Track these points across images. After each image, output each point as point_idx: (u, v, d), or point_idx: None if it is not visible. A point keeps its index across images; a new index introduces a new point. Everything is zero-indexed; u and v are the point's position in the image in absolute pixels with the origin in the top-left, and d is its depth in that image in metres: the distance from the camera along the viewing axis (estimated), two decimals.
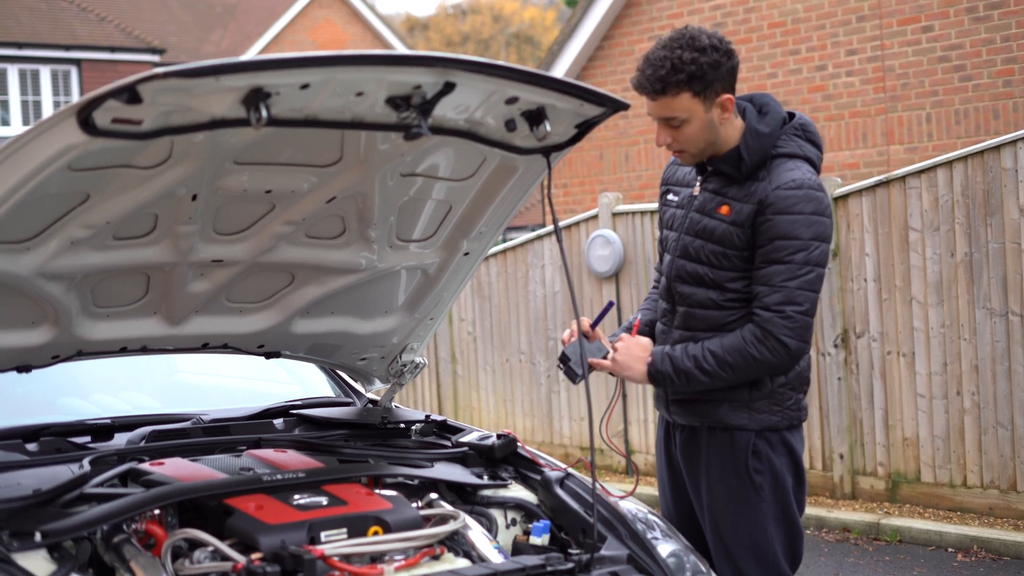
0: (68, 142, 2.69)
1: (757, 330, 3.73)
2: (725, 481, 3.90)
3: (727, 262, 3.79)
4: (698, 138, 3.74)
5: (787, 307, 3.69)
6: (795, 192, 3.70)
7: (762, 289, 3.72)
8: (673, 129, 3.73)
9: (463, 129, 3.23)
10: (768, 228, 3.70)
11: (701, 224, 3.84)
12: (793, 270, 3.68)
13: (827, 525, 8.27)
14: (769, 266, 3.70)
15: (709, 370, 3.77)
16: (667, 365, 3.82)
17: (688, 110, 3.68)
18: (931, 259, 8.03)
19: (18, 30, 25.35)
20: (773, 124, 3.79)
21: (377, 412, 4.24)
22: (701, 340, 3.84)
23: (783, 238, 3.68)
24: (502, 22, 55.22)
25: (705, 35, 3.67)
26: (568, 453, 10.29)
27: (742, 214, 3.74)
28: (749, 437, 3.86)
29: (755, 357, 3.73)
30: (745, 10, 12.44)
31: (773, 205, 3.69)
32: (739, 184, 3.78)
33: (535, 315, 10.52)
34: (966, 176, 7.83)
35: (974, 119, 10.78)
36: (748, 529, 3.89)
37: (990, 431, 7.81)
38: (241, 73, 2.65)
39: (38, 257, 3.13)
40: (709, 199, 3.84)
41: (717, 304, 3.83)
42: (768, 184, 3.72)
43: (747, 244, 3.75)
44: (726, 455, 3.89)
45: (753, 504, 3.88)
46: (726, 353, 3.75)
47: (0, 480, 3.26)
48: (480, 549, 3.30)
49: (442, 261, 3.84)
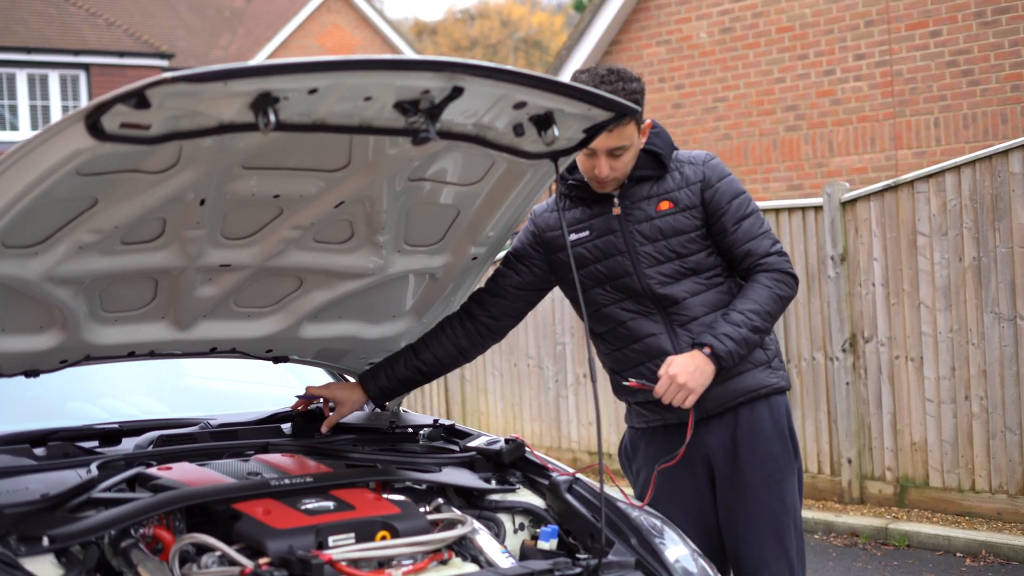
0: (76, 147, 2.70)
1: (772, 273, 3.99)
2: (769, 453, 4.03)
3: (693, 245, 3.99)
4: (630, 164, 3.96)
5: (776, 246, 4.04)
6: (714, 161, 4.08)
7: (750, 244, 4.00)
8: (615, 159, 3.89)
9: (471, 134, 3.23)
10: (720, 195, 4.00)
11: (652, 228, 3.99)
12: (758, 218, 4.04)
13: (835, 530, 8.26)
14: (743, 222, 4.00)
15: (760, 326, 3.93)
16: (729, 344, 3.88)
17: (631, 138, 3.89)
18: (939, 264, 8.02)
19: (27, 35, 25.40)
20: (661, 127, 4.09)
21: (385, 417, 4.24)
22: (720, 313, 3.96)
23: (735, 197, 4.02)
24: (510, 27, 55.23)
25: (623, 67, 3.97)
26: (576, 458, 10.28)
27: (687, 198, 4.00)
28: (783, 401, 4.09)
29: (782, 296, 3.98)
30: (753, 14, 12.44)
31: (712, 175, 4.02)
32: (658, 180, 4.02)
33: (543, 319, 10.52)
34: (974, 181, 7.82)
35: (982, 124, 10.77)
36: (791, 497, 4.07)
37: (998, 435, 7.79)
38: (249, 78, 2.65)
39: (46, 262, 3.13)
40: (642, 206, 4.01)
41: (705, 285, 4.01)
42: (692, 166, 4.04)
43: (702, 221, 4.00)
44: (767, 426, 4.03)
45: (793, 470, 4.09)
46: (764, 304, 3.94)
47: (8, 485, 3.26)
48: (488, 554, 3.30)
49: (450, 265, 3.84)
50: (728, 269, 4.07)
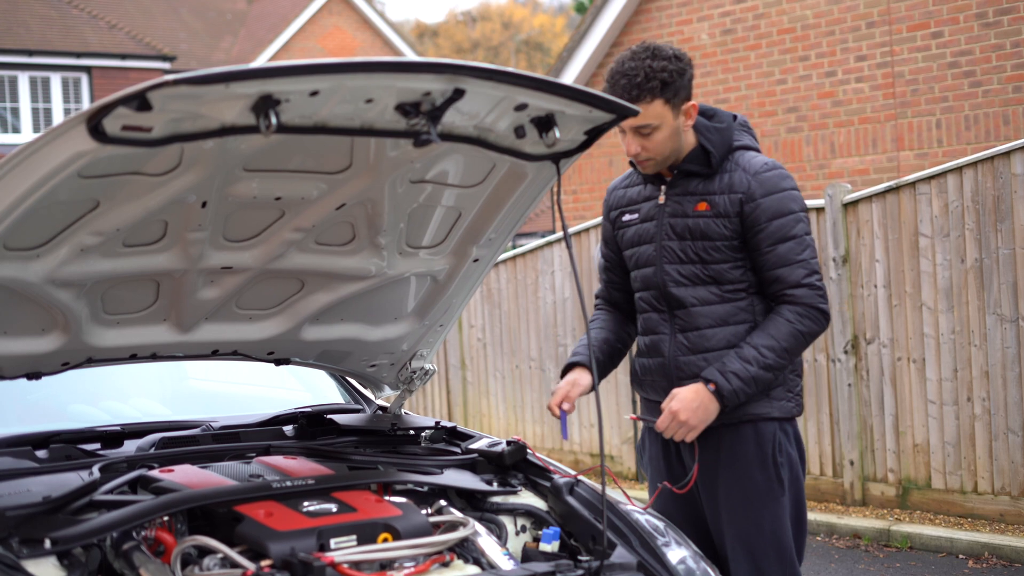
0: (78, 149, 2.70)
1: (796, 307, 3.85)
2: (749, 477, 3.90)
3: (718, 254, 3.89)
4: (666, 145, 3.87)
5: (811, 277, 3.85)
6: (772, 173, 3.90)
7: (781, 271, 3.85)
8: (643, 138, 3.85)
9: (472, 136, 3.23)
10: (761, 212, 3.85)
11: (683, 225, 3.93)
12: (801, 242, 3.86)
13: (837, 532, 8.26)
14: (779, 245, 3.85)
15: (773, 363, 3.83)
16: (736, 383, 3.80)
17: (660, 117, 3.81)
18: (941, 265, 8.02)
19: (28, 37, 25.40)
20: (726, 120, 3.99)
21: (387, 419, 4.24)
22: (727, 329, 3.89)
23: (779, 216, 3.85)
24: (512, 29, 55.26)
25: (666, 46, 3.86)
26: (578, 460, 10.28)
27: (724, 205, 3.88)
28: (773, 428, 3.92)
29: (804, 333, 3.85)
30: (755, 16, 12.44)
31: (758, 189, 3.86)
32: (707, 179, 3.93)
33: (545, 321, 10.52)
34: (976, 182, 7.82)
35: (984, 125, 10.76)
36: (771, 526, 3.91)
37: (1001, 437, 7.79)
38: (250, 80, 2.65)
39: (48, 264, 3.13)
40: (682, 201, 3.95)
41: (721, 297, 3.91)
42: (743, 173, 3.90)
43: (735, 233, 3.88)
44: (750, 450, 3.91)
45: (776, 498, 3.91)
46: (781, 341, 3.82)
47: (10, 487, 3.26)
48: (490, 556, 3.30)
49: (452, 268, 3.84)
50: (758, 287, 3.95)
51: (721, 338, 3.90)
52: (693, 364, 3.92)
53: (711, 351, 3.91)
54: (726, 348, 3.89)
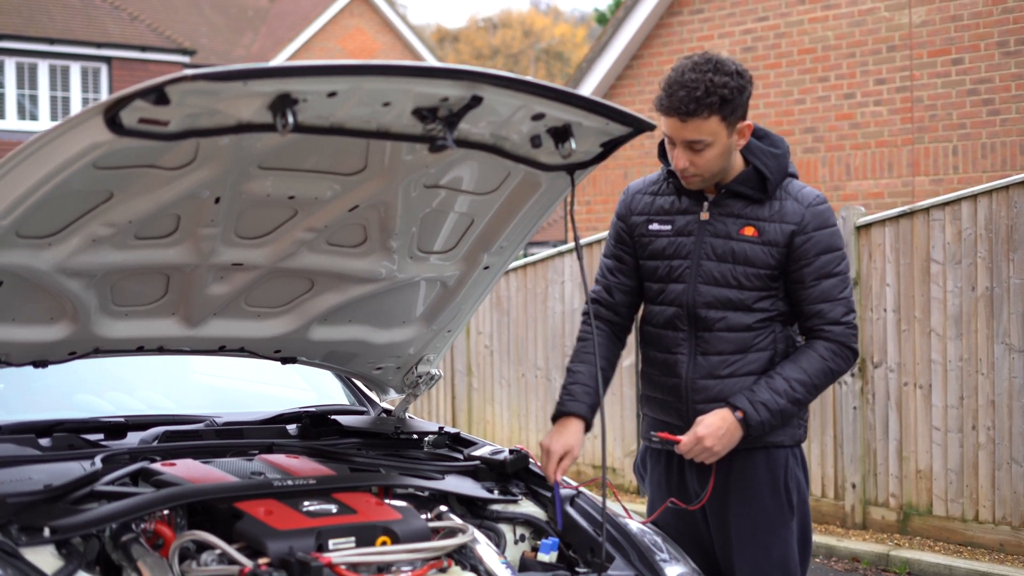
0: (94, 140, 2.70)
1: (832, 344, 3.80)
2: (759, 503, 3.84)
3: (758, 282, 3.79)
4: (716, 163, 3.72)
5: (849, 316, 3.81)
6: (824, 207, 3.82)
7: (824, 306, 3.79)
8: (694, 153, 3.69)
9: (488, 143, 3.24)
10: (812, 245, 3.77)
11: (726, 247, 3.80)
12: (844, 280, 3.81)
13: (836, 554, 8.24)
14: (823, 281, 3.78)
15: (801, 398, 3.78)
16: (764, 413, 3.73)
17: (714, 134, 3.65)
18: (952, 292, 8.01)
19: (50, 26, 25.47)
20: (782, 147, 3.88)
21: (391, 422, 4.24)
22: (765, 370, 3.80)
23: (827, 252, 3.78)
24: (532, 37, 55.31)
25: (729, 61, 3.70)
26: (580, 471, 10.27)
27: (774, 233, 3.76)
28: (785, 455, 3.87)
29: (834, 371, 3.81)
30: (776, 35, 12.44)
31: (812, 222, 3.78)
32: (757, 204, 3.80)
33: (553, 331, 10.52)
34: (990, 210, 7.80)
35: (1000, 153, 10.75)
36: (780, 550, 3.86)
37: (1004, 467, 7.77)
38: (269, 79, 2.66)
39: (59, 253, 3.14)
40: (727, 222, 3.81)
41: (748, 326, 3.81)
42: (795, 203, 3.79)
43: (779, 263, 3.78)
44: (762, 476, 3.85)
45: (786, 523, 3.87)
46: (813, 377, 3.77)
47: (11, 474, 3.27)
48: (487, 564, 3.29)
49: (462, 274, 3.84)
50: (788, 318, 3.87)
51: (741, 365, 3.81)
52: (711, 388, 3.82)
53: (730, 377, 3.82)
54: (745, 376, 3.80)
